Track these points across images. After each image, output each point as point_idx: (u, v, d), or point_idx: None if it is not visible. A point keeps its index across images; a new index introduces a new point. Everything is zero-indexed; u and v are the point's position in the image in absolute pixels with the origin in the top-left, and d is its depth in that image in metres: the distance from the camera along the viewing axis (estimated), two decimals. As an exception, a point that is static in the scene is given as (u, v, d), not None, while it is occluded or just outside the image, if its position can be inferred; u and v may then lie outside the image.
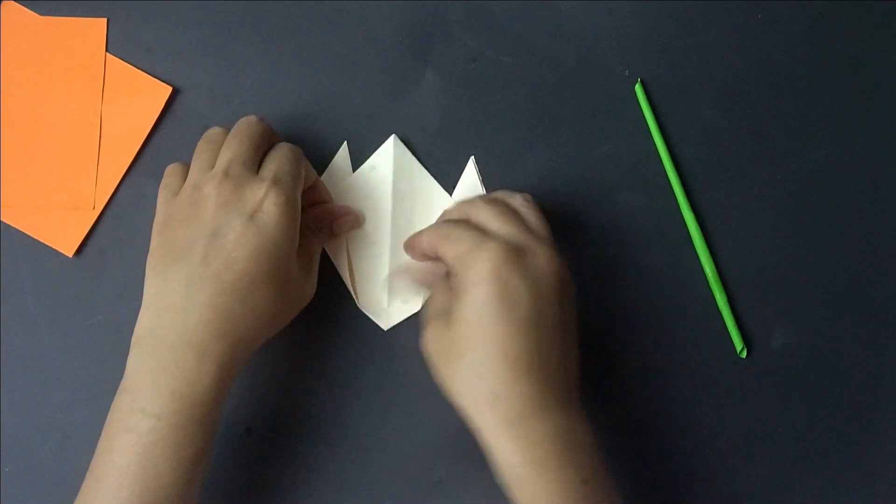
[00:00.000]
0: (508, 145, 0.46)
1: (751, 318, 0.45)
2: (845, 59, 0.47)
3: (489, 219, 0.38)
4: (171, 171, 0.41)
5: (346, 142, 0.45)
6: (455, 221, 0.39)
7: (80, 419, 0.44)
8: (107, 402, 0.43)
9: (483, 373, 0.35)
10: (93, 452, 0.42)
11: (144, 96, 0.45)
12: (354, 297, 0.44)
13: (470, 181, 0.45)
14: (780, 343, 0.45)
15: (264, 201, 0.37)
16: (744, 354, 0.45)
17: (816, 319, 0.46)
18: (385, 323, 0.44)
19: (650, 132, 0.46)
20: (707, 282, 0.45)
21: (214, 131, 0.41)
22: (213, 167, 0.39)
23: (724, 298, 0.45)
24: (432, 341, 0.37)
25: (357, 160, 0.45)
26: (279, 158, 0.39)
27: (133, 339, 0.37)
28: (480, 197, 0.41)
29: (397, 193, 0.45)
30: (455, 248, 0.37)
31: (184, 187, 0.39)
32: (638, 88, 0.46)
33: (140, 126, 0.45)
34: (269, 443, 0.44)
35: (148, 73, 0.45)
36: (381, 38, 0.46)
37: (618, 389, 0.45)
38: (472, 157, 0.46)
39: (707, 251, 0.45)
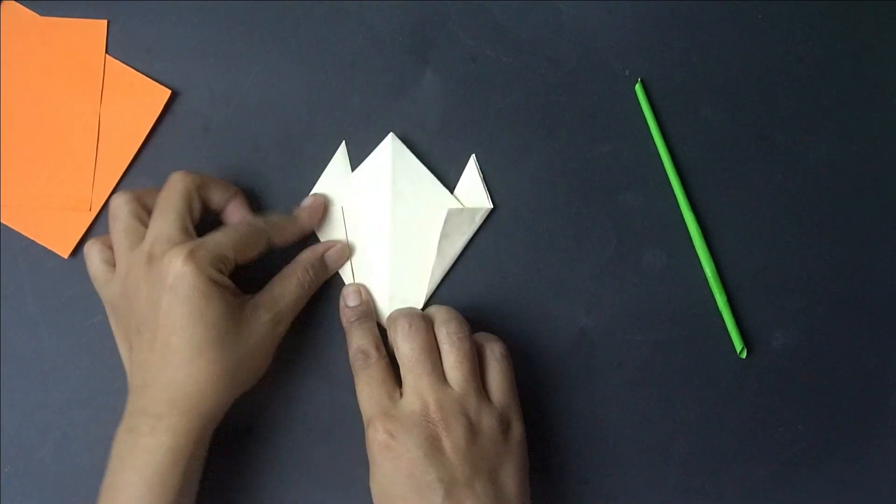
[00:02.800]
0: (508, 145, 0.46)
1: (751, 318, 0.45)
2: (845, 59, 0.47)
3: (448, 364, 0.39)
4: (92, 255, 0.41)
5: (343, 141, 0.45)
6: (374, 355, 0.40)
7: (80, 419, 0.44)
8: (106, 402, 0.44)
9: None
10: (92, 452, 0.43)
11: (143, 99, 0.45)
12: (354, 297, 0.44)
13: (471, 179, 0.45)
14: (780, 343, 0.45)
15: (182, 270, 0.37)
16: (744, 354, 0.45)
17: (816, 319, 0.46)
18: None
19: (650, 132, 0.46)
20: (707, 282, 0.45)
21: (120, 208, 0.40)
22: (135, 244, 0.39)
23: (724, 298, 0.45)
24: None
25: (357, 160, 0.45)
26: (218, 230, 0.40)
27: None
28: (451, 324, 0.40)
29: (397, 192, 0.45)
30: (362, 400, 0.39)
31: (117, 274, 0.40)
32: (638, 88, 0.46)
33: (138, 129, 0.45)
34: (270, 443, 0.44)
35: (148, 74, 0.45)
36: (381, 38, 0.46)
37: (618, 389, 0.45)
38: (474, 155, 0.46)
39: (707, 251, 0.45)
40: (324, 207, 0.44)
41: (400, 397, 0.39)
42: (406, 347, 0.39)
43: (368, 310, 0.43)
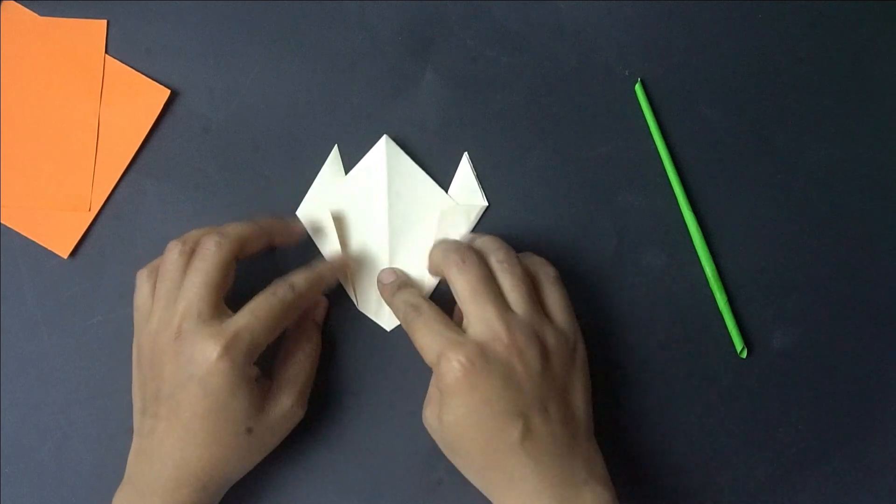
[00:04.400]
0: (508, 145, 0.46)
1: (751, 318, 0.45)
2: (845, 59, 0.47)
3: (506, 289, 0.38)
4: (144, 286, 0.40)
5: (336, 145, 0.45)
6: (425, 304, 0.39)
7: (79, 419, 0.44)
8: (106, 402, 0.44)
9: (486, 471, 0.37)
10: (92, 452, 0.42)
11: (143, 99, 0.45)
12: (354, 299, 0.44)
13: (464, 177, 0.45)
14: (780, 343, 0.45)
15: (216, 366, 0.36)
16: (744, 354, 0.45)
17: (816, 319, 0.46)
18: (388, 324, 0.44)
19: (650, 132, 0.46)
20: (707, 282, 0.45)
21: (173, 262, 0.38)
22: (175, 301, 0.38)
23: (724, 298, 0.45)
24: (432, 425, 0.39)
25: (357, 160, 0.45)
26: (251, 312, 0.38)
27: (123, 478, 0.39)
28: (498, 250, 0.40)
29: (392, 193, 0.45)
30: (426, 341, 0.37)
31: (150, 321, 0.38)
32: (638, 88, 0.46)
33: (137, 129, 0.45)
34: (269, 443, 0.44)
35: (147, 74, 0.45)
36: (381, 38, 0.46)
37: (617, 389, 0.45)
38: (466, 153, 0.46)
39: (707, 251, 0.45)
40: (347, 265, 0.44)
41: (464, 331, 0.37)
42: (463, 280, 0.37)
43: (407, 279, 0.43)
